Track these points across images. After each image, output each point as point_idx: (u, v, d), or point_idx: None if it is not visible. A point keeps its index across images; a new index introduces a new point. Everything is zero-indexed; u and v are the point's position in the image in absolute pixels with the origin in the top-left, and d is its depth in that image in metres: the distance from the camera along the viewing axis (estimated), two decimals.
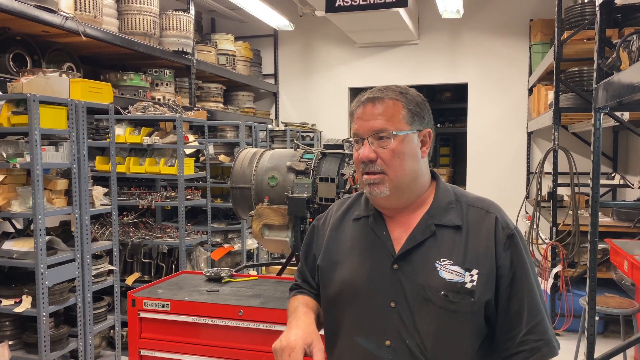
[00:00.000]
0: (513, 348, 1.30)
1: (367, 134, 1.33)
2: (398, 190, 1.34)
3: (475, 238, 1.32)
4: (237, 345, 2.40)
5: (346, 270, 1.38)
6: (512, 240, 1.32)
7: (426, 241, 1.32)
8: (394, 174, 1.32)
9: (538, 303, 1.32)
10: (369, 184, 1.33)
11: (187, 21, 5.40)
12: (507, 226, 1.34)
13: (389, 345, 1.29)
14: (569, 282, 4.60)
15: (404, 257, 1.32)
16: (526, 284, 1.31)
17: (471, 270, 1.28)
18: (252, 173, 3.17)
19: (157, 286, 2.77)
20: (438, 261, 1.30)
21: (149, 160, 4.47)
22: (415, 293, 1.29)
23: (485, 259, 1.30)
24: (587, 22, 4.40)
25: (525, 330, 1.29)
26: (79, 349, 3.55)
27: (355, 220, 1.44)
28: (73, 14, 3.94)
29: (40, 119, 3.16)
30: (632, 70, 2.39)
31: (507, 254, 1.31)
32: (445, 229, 1.33)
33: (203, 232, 5.07)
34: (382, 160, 1.31)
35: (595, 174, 3.05)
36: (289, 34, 7.62)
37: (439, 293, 1.27)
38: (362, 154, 1.32)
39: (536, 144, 7.00)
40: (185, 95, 5.88)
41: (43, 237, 3.23)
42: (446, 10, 5.96)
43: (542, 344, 1.29)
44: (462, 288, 1.27)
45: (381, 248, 1.35)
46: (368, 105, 1.35)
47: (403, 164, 1.32)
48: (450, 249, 1.31)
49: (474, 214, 1.36)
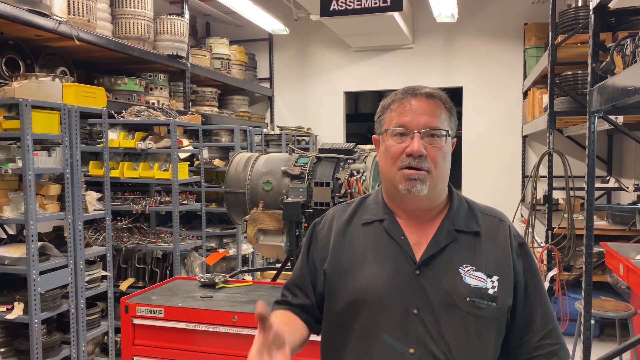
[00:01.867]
0: (527, 353, 1.32)
1: (420, 127, 1.29)
2: (434, 191, 1.32)
3: (493, 245, 1.33)
4: (231, 351, 2.38)
5: (362, 277, 1.32)
6: (524, 248, 1.36)
7: (447, 246, 1.31)
8: (437, 173, 1.30)
9: (550, 309, 1.35)
10: (411, 179, 1.28)
11: (182, 25, 5.39)
12: (517, 234, 1.38)
13: (413, 353, 1.25)
14: (564, 285, 4.59)
15: (427, 263, 1.29)
16: (539, 291, 1.35)
17: (492, 277, 1.29)
18: (247, 177, 3.16)
19: (150, 292, 2.75)
20: (461, 267, 1.29)
21: (143, 165, 4.45)
22: (440, 299, 1.27)
23: (504, 265, 1.31)
24: (581, 25, 4.41)
25: (541, 335, 1.32)
26: (72, 356, 3.51)
27: (365, 225, 1.39)
28: (66, 18, 3.92)
29: (32, 123, 3.13)
30: (626, 73, 2.39)
31: (520, 261, 1.34)
32: (465, 235, 1.33)
33: (198, 237, 5.04)
34: (430, 157, 1.29)
35: (590, 177, 3.05)
36: (284, 38, 7.62)
37: (465, 299, 1.26)
38: (414, 148, 1.27)
39: (531, 148, 7.01)
40: (179, 100, 5.86)
41: (35, 243, 3.19)
42: (441, 14, 5.97)
43: (558, 348, 1.33)
44: (485, 294, 1.27)
45: (400, 253, 1.31)
46: (423, 100, 1.32)
47: (445, 165, 1.32)
48: (472, 254, 1.31)
49: (487, 221, 1.37)
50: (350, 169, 3.01)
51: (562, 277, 4.64)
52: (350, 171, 3.00)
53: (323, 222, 1.48)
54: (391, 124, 1.33)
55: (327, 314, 1.40)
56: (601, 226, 4.76)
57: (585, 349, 3.14)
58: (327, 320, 1.39)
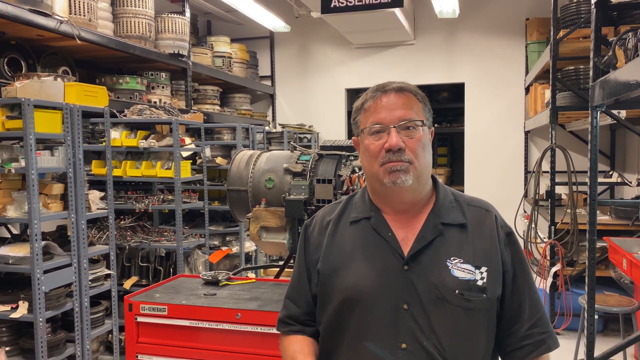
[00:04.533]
0: (516, 342, 1.34)
1: (395, 122, 1.31)
2: (418, 182, 1.33)
3: (480, 236, 1.35)
4: (235, 348, 2.38)
5: (351, 275, 1.33)
6: (511, 237, 1.38)
7: (434, 240, 1.32)
8: (419, 163, 1.32)
9: (538, 297, 1.37)
10: (394, 171, 1.30)
11: (183, 23, 5.38)
12: (505, 224, 1.39)
13: (405, 348, 1.26)
14: (568, 280, 4.59)
15: (414, 258, 1.31)
16: (526, 280, 1.36)
17: (480, 268, 1.30)
18: (249, 175, 3.16)
19: (154, 290, 2.76)
20: (449, 260, 1.30)
21: (146, 164, 4.45)
22: (429, 293, 1.28)
23: (491, 256, 1.33)
24: (582, 20, 4.40)
25: (529, 324, 1.33)
26: (77, 355, 3.53)
27: (353, 223, 1.40)
28: (68, 17, 3.92)
29: (35, 123, 3.14)
30: (628, 67, 2.38)
31: (508, 250, 1.36)
32: (451, 228, 1.34)
33: (201, 235, 5.04)
34: (409, 149, 1.31)
35: (593, 172, 3.04)
36: (285, 35, 7.61)
37: (454, 292, 1.27)
38: (392, 142, 1.29)
39: (533, 143, 7.00)
40: (181, 98, 5.87)
41: (39, 242, 3.21)
42: (442, 10, 5.96)
43: (546, 336, 1.34)
44: (475, 286, 1.29)
45: (387, 250, 1.33)
46: (392, 95, 1.34)
47: (426, 155, 1.34)
48: (458, 247, 1.32)
49: (474, 213, 1.38)
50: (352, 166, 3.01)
51: (565, 272, 4.64)
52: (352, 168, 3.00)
53: (313, 223, 1.49)
54: (367, 123, 1.36)
55: (321, 315, 1.40)
56: (604, 221, 4.74)
57: (589, 344, 3.14)
58: (321, 321, 1.40)
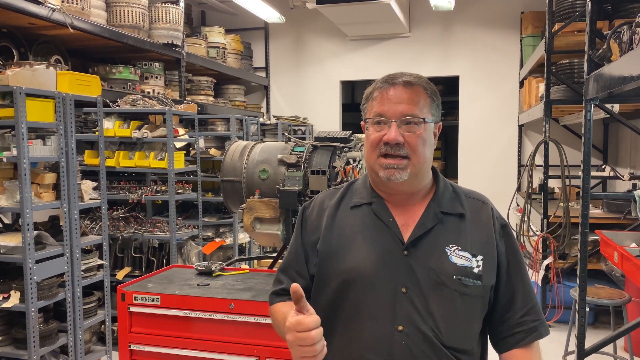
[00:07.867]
0: (509, 330, 1.39)
1: (397, 116, 1.33)
2: (415, 177, 1.36)
3: (477, 226, 1.39)
4: (228, 338, 2.38)
5: (351, 258, 1.36)
6: (506, 229, 1.42)
7: (434, 228, 1.36)
8: (417, 159, 1.34)
9: (531, 287, 1.42)
10: (389, 168, 1.32)
11: (177, 13, 5.34)
12: (500, 217, 1.44)
13: (402, 331, 1.30)
14: (559, 273, 4.62)
15: (414, 244, 1.34)
16: (520, 270, 1.41)
17: (477, 256, 1.34)
18: (243, 166, 3.15)
19: (147, 280, 2.75)
20: (447, 247, 1.34)
21: (139, 154, 4.43)
22: (427, 278, 1.32)
23: (487, 245, 1.37)
24: (577, 14, 4.40)
25: (522, 312, 1.38)
26: (69, 345, 3.52)
27: (353, 208, 1.43)
28: (60, 5, 3.88)
29: (27, 111, 3.11)
30: (622, 61, 2.39)
31: (502, 241, 1.40)
32: (450, 217, 1.38)
33: (194, 226, 5.04)
34: (408, 144, 1.32)
35: (586, 165, 3.06)
36: (280, 26, 7.57)
37: (452, 277, 1.31)
38: (391, 136, 1.31)
39: (527, 137, 7.02)
40: (175, 89, 5.83)
41: (31, 231, 3.19)
42: (438, 3, 5.94)
43: (538, 324, 1.39)
44: (471, 272, 1.33)
45: (388, 234, 1.36)
46: (400, 88, 1.34)
47: (425, 151, 1.35)
48: (457, 235, 1.36)
49: (471, 204, 1.43)
50: (347, 157, 3.00)
51: (557, 265, 4.67)
52: (346, 159, 2.99)
53: (312, 205, 1.51)
54: (371, 112, 1.37)
55: (318, 296, 1.42)
56: (596, 214, 4.78)
57: (580, 336, 3.17)
58: (317, 302, 1.41)
